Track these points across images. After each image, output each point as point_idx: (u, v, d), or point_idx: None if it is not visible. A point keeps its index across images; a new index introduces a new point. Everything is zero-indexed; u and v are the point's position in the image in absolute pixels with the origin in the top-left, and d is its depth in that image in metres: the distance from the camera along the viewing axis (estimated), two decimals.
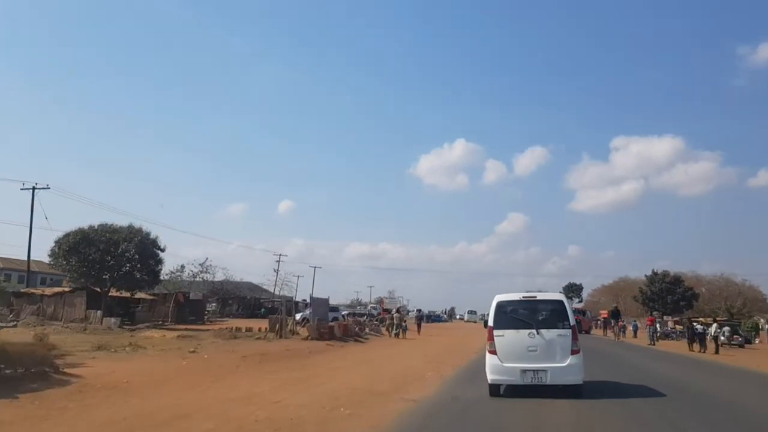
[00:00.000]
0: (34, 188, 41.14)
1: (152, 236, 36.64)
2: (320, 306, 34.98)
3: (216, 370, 15.51)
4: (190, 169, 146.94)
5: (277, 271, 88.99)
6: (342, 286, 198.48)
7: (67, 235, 33.48)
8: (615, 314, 51.98)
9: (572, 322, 11.00)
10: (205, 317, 49.91)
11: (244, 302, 74.14)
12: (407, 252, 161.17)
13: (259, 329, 31.39)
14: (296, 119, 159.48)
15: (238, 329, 33.65)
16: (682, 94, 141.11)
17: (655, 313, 65.85)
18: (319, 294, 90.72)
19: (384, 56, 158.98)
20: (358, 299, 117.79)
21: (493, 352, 11.07)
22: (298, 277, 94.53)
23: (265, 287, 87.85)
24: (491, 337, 11.19)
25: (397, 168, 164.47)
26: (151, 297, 45.66)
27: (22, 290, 41.12)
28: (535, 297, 11.60)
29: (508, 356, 10.90)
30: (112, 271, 34.28)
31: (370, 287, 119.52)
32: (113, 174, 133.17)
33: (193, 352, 19.61)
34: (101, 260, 33.11)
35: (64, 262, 32.99)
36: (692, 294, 72.85)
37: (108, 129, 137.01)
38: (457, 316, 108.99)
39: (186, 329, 36.20)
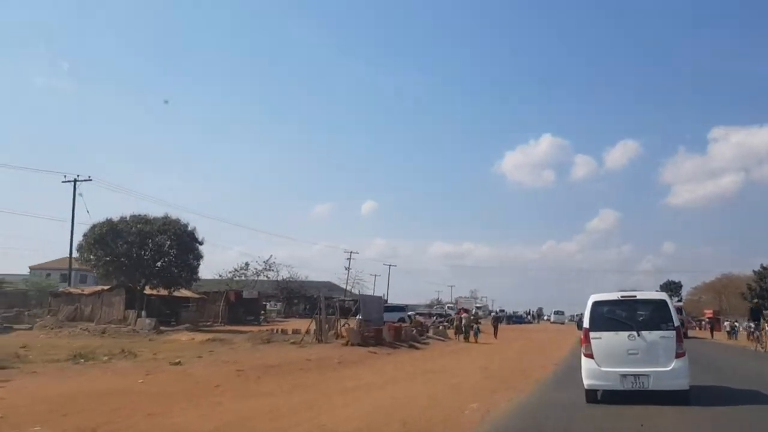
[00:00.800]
0: (75, 180, 38.74)
1: (190, 228, 32.98)
2: (371, 305, 30.19)
3: (179, 393, 11.06)
4: (276, 169, 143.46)
5: (348, 269, 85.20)
6: (423, 286, 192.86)
7: (93, 227, 30.38)
8: (756, 313, 37.48)
9: (676, 322, 10.21)
10: (262, 317, 46.35)
11: (312, 301, 70.83)
12: (492, 251, 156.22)
13: (306, 331, 27.14)
14: (379, 119, 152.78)
15: (282, 331, 29.79)
16: None
17: None
18: (395, 294, 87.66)
19: (467, 52, 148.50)
20: (438, 299, 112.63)
21: (590, 355, 10.33)
22: (375, 275, 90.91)
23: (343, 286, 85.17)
24: (587, 340, 10.42)
25: (481, 166, 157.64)
26: (199, 296, 42.55)
27: (60, 290, 38.80)
28: (635, 296, 10.81)
29: (606, 360, 10.17)
30: (146, 266, 30.90)
31: (451, 287, 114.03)
32: (191, 176, 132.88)
33: (177, 363, 15.30)
34: (131, 254, 29.74)
35: (92, 257, 29.88)
36: None
37: (193, 131, 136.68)
38: (545, 317, 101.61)
39: (229, 331, 32.67)
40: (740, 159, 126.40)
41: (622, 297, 10.76)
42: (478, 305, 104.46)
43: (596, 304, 10.65)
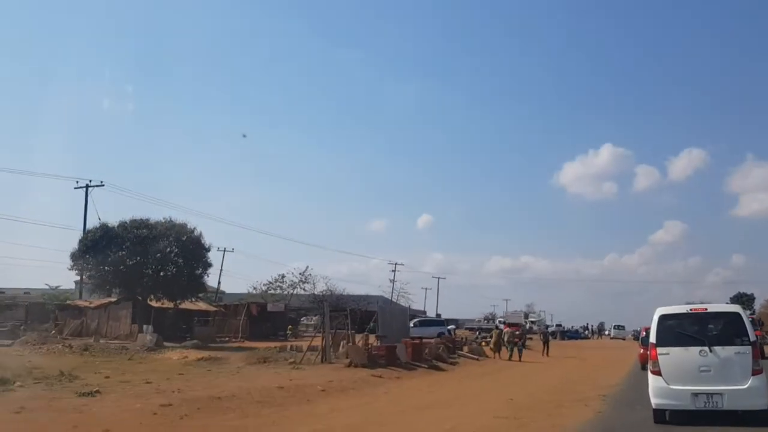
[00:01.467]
0: (87, 186, 36.49)
1: (196, 233, 29.88)
2: (392, 317, 26.11)
3: None
4: (333, 187, 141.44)
5: (393, 281, 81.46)
6: (479, 301, 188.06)
7: (87, 232, 27.66)
8: None
9: (752, 337, 9.48)
10: (289, 332, 42.91)
11: (352, 315, 67.33)
12: (551, 265, 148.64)
13: (309, 347, 23.47)
14: (436, 132, 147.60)
15: (294, 348, 26.22)
16: None
17: None
18: (449, 308, 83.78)
19: (521, 62, 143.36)
20: (492, 313, 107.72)
21: (657, 372, 9.65)
22: (426, 289, 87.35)
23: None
24: (655, 356, 9.75)
25: (540, 178, 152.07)
26: (216, 308, 39.55)
27: (67, 302, 36.42)
28: (706, 309, 10.19)
29: (676, 377, 9.50)
30: (147, 276, 27.94)
31: (506, 300, 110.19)
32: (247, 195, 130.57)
33: (89, 394, 11.74)
34: (128, 262, 26.80)
35: (87, 265, 27.11)
36: None
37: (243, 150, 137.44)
38: (606, 332, 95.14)
39: (238, 347, 29.47)
40: None
41: (691, 310, 10.27)
42: (532, 320, 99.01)
43: (663, 318, 10.12)
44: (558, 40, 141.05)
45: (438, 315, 69.56)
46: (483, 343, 36.75)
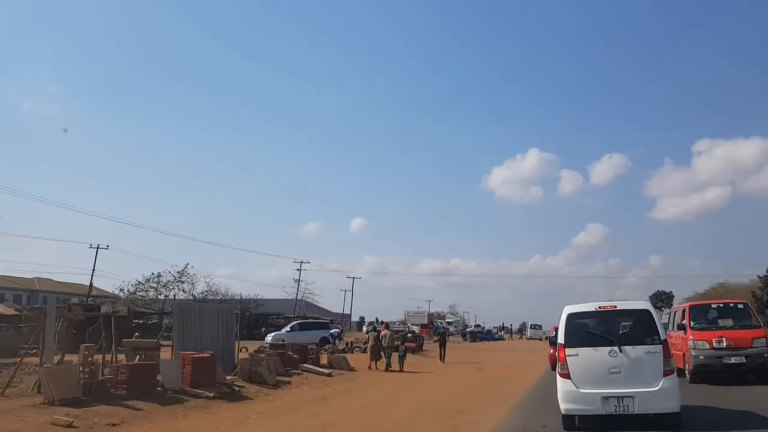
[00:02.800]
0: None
1: None
2: (202, 321, 17.64)
3: None
4: (264, 189, 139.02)
5: (298, 280, 73.32)
6: (407, 302, 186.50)
7: None
8: None
9: (663, 336, 9.20)
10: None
11: (243, 319, 58.71)
12: (480, 267, 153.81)
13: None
14: (366, 135, 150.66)
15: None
16: None
17: None
18: (370, 309, 79.26)
19: (452, 67, 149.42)
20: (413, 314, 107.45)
21: (566, 375, 9.21)
22: (345, 291, 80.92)
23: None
24: (563, 357, 9.29)
25: (469, 181, 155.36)
26: (17, 312, 30.53)
27: None
28: (615, 307, 9.66)
29: (585, 380, 9.10)
30: None
31: (429, 301, 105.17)
32: (181, 198, 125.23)
33: None
34: None
35: None
36: None
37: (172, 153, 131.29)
38: (527, 333, 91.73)
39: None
40: (726, 172, 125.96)
41: (600, 308, 9.68)
42: (448, 320, 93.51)
43: (571, 317, 9.64)
44: (487, 46, 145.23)
45: (331, 320, 61.65)
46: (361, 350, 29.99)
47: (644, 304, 10.05)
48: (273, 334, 40.03)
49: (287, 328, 41.38)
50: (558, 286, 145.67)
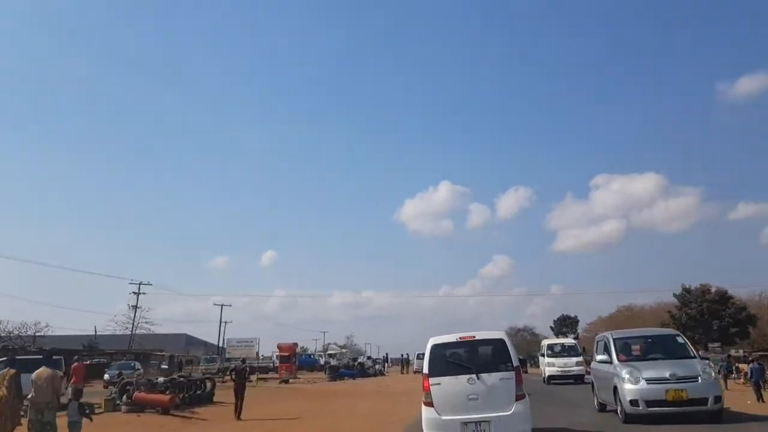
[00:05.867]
0: None
1: None
2: None
3: None
4: (172, 223, 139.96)
5: (136, 306, 61.12)
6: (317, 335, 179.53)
7: None
8: None
9: (515, 362, 9.91)
10: None
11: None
12: (391, 299, 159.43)
13: None
14: (280, 167, 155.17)
15: None
16: (664, 130, 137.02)
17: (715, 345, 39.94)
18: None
19: (364, 101, 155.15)
20: (302, 347, 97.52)
21: (430, 403, 9.82)
22: (225, 322, 70.38)
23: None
24: (427, 387, 9.89)
25: (382, 213, 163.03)
26: None
27: None
28: (474, 337, 10.28)
29: (447, 407, 9.71)
30: None
31: (324, 332, 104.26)
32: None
33: None
34: None
35: None
36: (747, 317, 46.78)
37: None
38: (414, 364, 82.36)
39: None
40: (621, 206, 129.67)
41: (461, 338, 10.32)
42: (330, 352, 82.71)
43: (436, 347, 10.25)
44: (401, 77, 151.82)
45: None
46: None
47: (500, 334, 10.58)
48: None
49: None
50: (465, 316, 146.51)
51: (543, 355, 33.21)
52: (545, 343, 34.62)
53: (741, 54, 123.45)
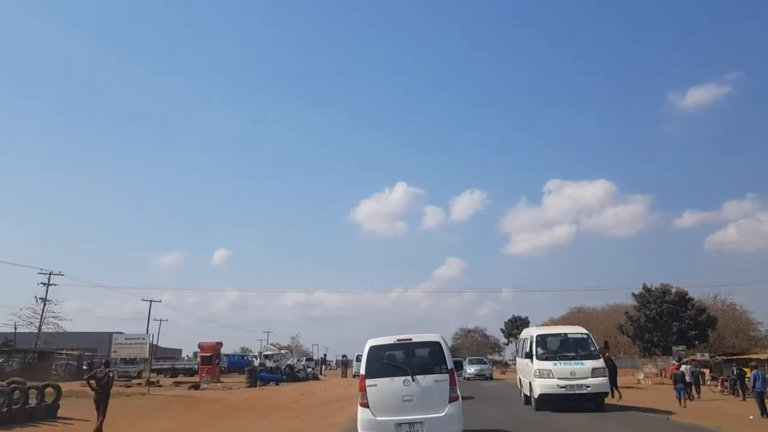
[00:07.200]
0: None
1: None
2: None
3: None
4: (120, 217, 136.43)
5: (45, 300, 54.64)
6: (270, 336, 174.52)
7: None
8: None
9: (450, 365, 10.04)
10: None
11: None
12: (344, 300, 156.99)
13: None
14: (233, 162, 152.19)
15: None
16: (615, 139, 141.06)
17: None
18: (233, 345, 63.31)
19: (323, 99, 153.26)
20: (245, 348, 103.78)
21: (365, 404, 9.90)
22: (161, 320, 64.47)
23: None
24: (363, 388, 9.94)
25: (337, 213, 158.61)
26: None
27: None
28: (411, 339, 10.42)
29: (382, 408, 9.81)
30: None
31: (268, 332, 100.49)
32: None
33: None
34: None
35: None
36: (708, 319, 43.91)
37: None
38: (354, 367, 78.68)
39: None
40: (572, 211, 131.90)
41: (398, 340, 10.36)
42: (266, 353, 77.08)
43: (373, 349, 10.28)
44: (361, 79, 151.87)
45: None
46: None
47: (436, 337, 10.59)
48: None
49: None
50: (416, 318, 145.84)
51: (527, 356, 18.56)
52: (531, 334, 19.19)
53: (692, 64, 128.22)
